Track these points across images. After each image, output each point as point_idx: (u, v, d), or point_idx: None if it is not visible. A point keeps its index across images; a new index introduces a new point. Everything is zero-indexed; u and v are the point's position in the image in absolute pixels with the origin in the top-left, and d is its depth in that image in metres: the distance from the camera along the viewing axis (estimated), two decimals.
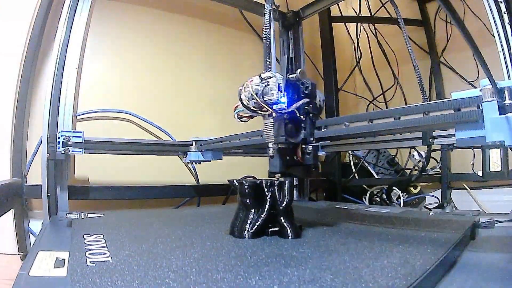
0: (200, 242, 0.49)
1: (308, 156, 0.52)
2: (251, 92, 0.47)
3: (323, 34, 1.45)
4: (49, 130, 0.78)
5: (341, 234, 0.54)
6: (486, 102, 0.38)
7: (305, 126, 0.52)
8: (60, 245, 0.50)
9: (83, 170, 0.92)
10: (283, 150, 0.51)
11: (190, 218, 0.69)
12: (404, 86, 1.52)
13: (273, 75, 0.48)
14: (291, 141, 0.50)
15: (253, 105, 0.48)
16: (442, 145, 0.95)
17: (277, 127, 0.50)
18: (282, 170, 0.51)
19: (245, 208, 0.52)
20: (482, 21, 1.18)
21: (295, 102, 0.50)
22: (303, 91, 0.52)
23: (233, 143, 0.75)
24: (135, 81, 1.06)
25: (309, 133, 0.51)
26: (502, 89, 0.38)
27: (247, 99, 0.48)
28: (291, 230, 0.51)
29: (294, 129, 0.51)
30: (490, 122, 0.37)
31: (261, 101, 0.47)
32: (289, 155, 0.52)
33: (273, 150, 0.51)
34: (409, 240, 0.49)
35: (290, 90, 0.50)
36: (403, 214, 0.72)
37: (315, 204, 1.02)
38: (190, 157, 0.92)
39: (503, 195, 1.22)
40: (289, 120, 0.50)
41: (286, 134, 0.49)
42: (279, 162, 0.51)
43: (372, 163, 1.36)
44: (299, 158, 0.52)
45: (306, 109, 0.52)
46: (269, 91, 0.47)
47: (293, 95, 0.50)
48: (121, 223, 0.61)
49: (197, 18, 1.21)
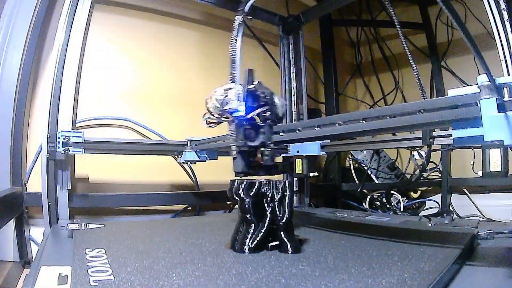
0: (201, 257, 0.49)
1: (266, 157, 0.57)
2: (214, 102, 0.53)
3: (324, 37, 1.45)
4: (49, 130, 0.79)
5: (340, 248, 0.54)
6: (484, 99, 0.36)
7: (264, 131, 0.56)
8: (62, 259, 0.50)
9: (83, 170, 0.94)
10: (245, 152, 0.56)
11: (191, 229, 0.69)
12: (405, 90, 1.52)
13: (234, 86, 0.54)
14: (249, 145, 0.55)
15: (217, 113, 0.54)
16: (442, 145, 0.96)
17: (237, 132, 0.55)
18: (244, 170, 0.56)
19: (246, 222, 0.52)
20: (483, 25, 1.18)
21: (254, 110, 0.55)
22: (262, 100, 0.56)
23: (226, 142, 0.75)
24: (133, 86, 1.06)
25: (267, 137, 0.56)
26: (501, 86, 0.36)
27: (212, 107, 0.54)
28: (291, 245, 0.51)
29: (253, 134, 0.56)
30: (488, 120, 0.36)
31: (222, 109, 0.53)
32: (250, 157, 0.57)
33: (235, 152, 0.55)
34: (408, 256, 0.49)
35: (249, 99, 0.54)
36: (403, 225, 0.73)
37: (315, 211, 1.02)
38: (185, 157, 0.93)
39: (503, 200, 1.22)
40: (249, 125, 0.55)
41: (245, 138, 0.55)
42: (240, 162, 0.56)
43: (372, 167, 1.36)
44: (258, 159, 0.57)
45: (265, 115, 0.56)
46: (229, 101, 0.53)
47: (253, 103, 0.55)
48: (122, 235, 0.61)
49: (196, 23, 1.21)
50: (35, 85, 0.91)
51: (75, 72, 0.86)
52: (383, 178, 1.36)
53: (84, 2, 0.88)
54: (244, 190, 0.51)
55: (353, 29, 1.64)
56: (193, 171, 1.11)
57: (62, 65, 0.83)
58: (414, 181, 1.25)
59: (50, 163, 0.79)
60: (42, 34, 0.90)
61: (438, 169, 1.33)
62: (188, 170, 1.11)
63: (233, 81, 0.56)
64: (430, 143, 0.86)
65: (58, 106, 0.82)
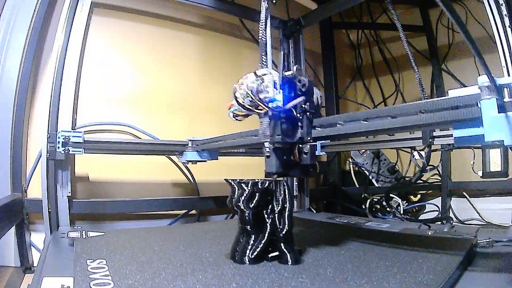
0: (202, 268, 0.49)
1: (305, 155, 0.50)
2: (246, 90, 0.46)
3: (324, 40, 1.44)
4: (49, 130, 0.79)
5: (340, 259, 0.54)
6: (484, 100, 0.36)
7: (302, 125, 0.50)
8: (64, 269, 0.51)
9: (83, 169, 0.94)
10: (280, 150, 0.50)
11: (191, 237, 0.69)
12: (405, 93, 1.51)
13: (269, 72, 0.47)
14: (287, 141, 0.48)
15: (248, 103, 0.47)
16: (442, 145, 0.96)
17: (273, 126, 0.48)
18: (279, 171, 0.50)
19: (246, 233, 0.53)
20: (484, 27, 1.18)
21: (292, 100, 0.48)
22: (299, 89, 0.49)
23: (228, 142, 0.75)
24: (133, 90, 1.06)
25: (306, 132, 0.50)
26: (501, 87, 0.36)
27: (242, 97, 0.47)
28: (291, 257, 0.51)
29: (291, 128, 0.49)
30: (488, 121, 0.36)
31: (256, 99, 0.46)
32: (286, 155, 0.51)
33: (269, 150, 0.49)
34: (406, 267, 0.49)
35: (286, 87, 0.48)
36: (402, 233, 0.73)
37: (316, 217, 1.03)
38: (186, 156, 0.92)
39: (503, 204, 1.22)
40: (286, 118, 0.48)
41: (282, 133, 0.48)
42: (275, 162, 0.49)
43: (372, 171, 1.36)
44: (296, 158, 0.51)
45: (303, 107, 0.49)
46: (264, 89, 0.46)
47: (289, 92, 0.48)
48: (122, 244, 0.62)
49: (197, 26, 1.21)
50: (34, 90, 0.91)
51: (75, 73, 0.86)
52: (383, 182, 1.37)
53: (83, 6, 0.88)
54: (245, 202, 0.51)
55: (354, 31, 1.63)
56: (191, 173, 1.11)
57: (62, 66, 0.83)
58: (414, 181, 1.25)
59: (50, 165, 0.80)
60: (41, 35, 0.90)
61: (438, 171, 1.33)
62: (186, 173, 1.11)
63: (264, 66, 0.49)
64: (430, 143, 0.86)
65: (58, 106, 0.82)
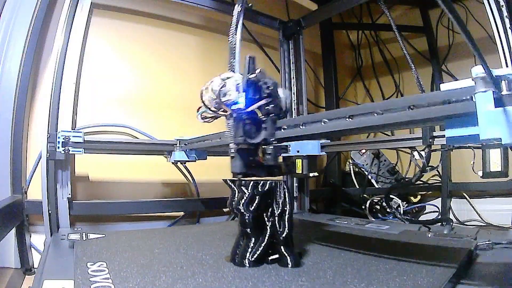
0: (202, 271, 0.49)
1: (268, 156, 0.52)
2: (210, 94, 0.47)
3: (324, 41, 1.44)
4: (49, 130, 0.79)
5: (339, 261, 0.54)
6: (479, 93, 0.32)
7: (266, 126, 0.51)
8: (64, 272, 0.51)
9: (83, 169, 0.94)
10: (244, 151, 0.51)
11: (191, 239, 0.69)
12: (406, 93, 1.52)
13: (232, 75, 0.48)
14: (249, 142, 0.49)
15: (214, 105, 0.48)
16: (442, 145, 0.96)
17: (236, 128, 0.49)
18: (243, 171, 0.51)
19: (246, 236, 0.53)
20: (484, 28, 1.18)
21: (255, 102, 0.49)
22: (264, 91, 0.50)
23: (213, 142, 0.75)
24: (133, 91, 1.06)
25: (270, 134, 0.51)
26: (498, 78, 0.33)
27: (208, 100, 0.48)
28: (291, 259, 0.51)
29: (254, 130, 0.50)
30: (484, 116, 0.32)
31: (219, 101, 0.47)
32: (251, 156, 0.52)
33: (233, 151, 0.50)
34: (406, 271, 0.49)
35: (250, 90, 0.49)
36: (402, 236, 0.73)
37: (315, 218, 1.03)
38: (174, 156, 0.92)
39: (503, 205, 1.22)
40: (249, 120, 0.49)
41: (245, 135, 0.49)
42: (239, 162, 0.51)
43: (372, 172, 1.36)
44: (259, 158, 0.52)
45: (267, 109, 0.50)
46: (227, 92, 0.47)
47: (253, 95, 0.49)
48: (122, 247, 0.62)
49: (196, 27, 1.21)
50: (34, 91, 0.91)
51: (74, 74, 0.86)
52: (383, 183, 1.37)
53: (83, 7, 0.88)
54: (245, 205, 0.51)
55: (354, 32, 1.63)
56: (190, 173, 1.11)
57: (62, 67, 0.84)
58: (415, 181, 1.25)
59: (50, 166, 0.80)
60: (41, 36, 0.90)
61: (438, 172, 1.33)
62: (186, 173, 1.11)
63: (231, 70, 0.51)
64: (430, 143, 0.86)
65: (58, 106, 0.83)
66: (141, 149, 0.93)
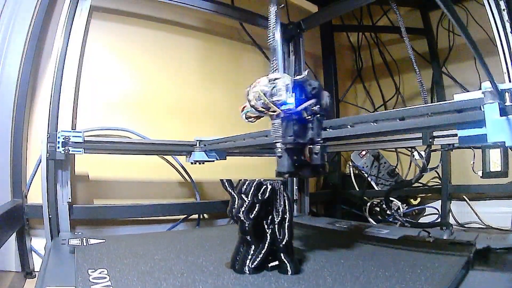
0: (202, 278, 0.50)
1: (315, 156, 0.53)
2: (258, 93, 0.48)
3: (325, 43, 1.44)
4: (49, 130, 0.79)
5: (339, 268, 0.54)
6: (487, 104, 0.39)
7: (312, 126, 0.53)
8: (65, 278, 0.51)
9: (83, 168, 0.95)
10: (291, 150, 0.52)
11: (191, 244, 0.70)
12: (406, 95, 1.52)
13: (281, 76, 0.49)
14: (299, 141, 0.51)
15: (260, 105, 0.49)
16: (442, 145, 0.96)
17: (285, 128, 0.51)
18: (290, 170, 0.52)
19: (246, 243, 0.53)
20: (485, 31, 1.17)
21: (303, 102, 0.50)
22: (310, 92, 0.52)
23: (237, 143, 0.77)
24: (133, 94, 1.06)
25: (316, 133, 0.52)
26: (503, 92, 0.39)
27: (254, 99, 0.49)
28: (291, 266, 0.52)
29: (302, 130, 0.52)
30: (491, 123, 0.39)
31: (269, 101, 0.48)
32: (297, 155, 0.53)
33: (281, 150, 0.51)
34: (405, 277, 0.49)
35: (297, 91, 0.50)
36: (401, 241, 0.73)
37: (315, 222, 1.03)
38: (194, 157, 0.93)
39: (503, 207, 1.23)
40: (297, 120, 0.51)
41: (294, 135, 0.50)
42: (287, 162, 0.52)
43: (372, 174, 1.36)
44: (307, 158, 0.53)
45: (313, 109, 0.52)
46: (277, 92, 0.48)
47: (300, 95, 0.51)
48: (123, 253, 0.62)
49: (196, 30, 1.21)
50: (34, 95, 0.91)
51: (74, 75, 0.87)
52: (383, 185, 1.37)
53: (82, 10, 0.88)
54: (245, 212, 0.51)
55: (354, 34, 1.63)
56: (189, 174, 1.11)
57: (61, 69, 0.84)
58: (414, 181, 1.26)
59: (50, 166, 0.80)
60: (41, 38, 0.90)
61: (437, 173, 1.33)
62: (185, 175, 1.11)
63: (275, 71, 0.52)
64: (430, 143, 0.86)
65: (58, 107, 0.83)
66: (154, 149, 0.92)
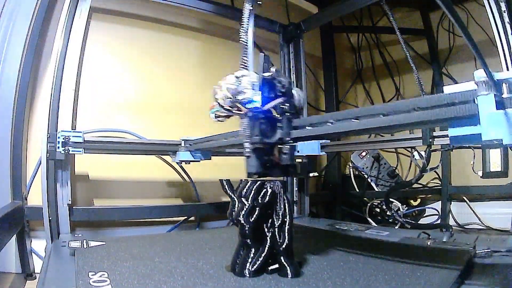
0: (203, 282, 0.50)
1: (284, 156, 0.51)
2: (225, 91, 0.47)
3: (324, 44, 1.44)
4: (49, 130, 0.79)
5: (339, 271, 0.54)
6: (481, 96, 0.34)
7: (282, 125, 0.51)
8: (66, 281, 0.51)
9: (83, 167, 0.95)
10: (260, 150, 0.50)
11: (192, 246, 0.70)
12: (406, 96, 1.52)
13: (247, 73, 0.47)
14: (266, 141, 0.49)
15: (228, 104, 0.47)
16: (442, 145, 0.97)
17: (252, 127, 0.48)
18: (259, 171, 0.50)
19: (246, 247, 0.53)
20: (485, 31, 1.17)
21: (271, 101, 0.48)
22: (279, 90, 0.50)
23: (220, 142, 0.75)
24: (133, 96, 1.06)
25: (286, 133, 0.50)
26: (499, 82, 0.34)
27: (222, 98, 0.47)
28: (291, 270, 0.52)
29: (270, 129, 0.50)
30: (486, 118, 0.34)
31: (234, 100, 0.46)
32: (266, 155, 0.51)
33: (249, 150, 0.49)
34: (405, 280, 0.50)
35: (265, 89, 0.48)
36: (401, 244, 0.73)
37: (315, 224, 1.03)
38: (179, 156, 0.92)
39: (503, 208, 1.23)
40: (265, 119, 0.49)
41: (261, 134, 0.48)
42: (255, 162, 0.50)
43: (372, 175, 1.36)
44: (276, 158, 0.51)
45: (283, 108, 0.50)
46: (242, 90, 0.46)
47: (269, 94, 0.49)
48: (123, 255, 0.62)
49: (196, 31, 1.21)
50: (33, 96, 0.91)
51: (74, 76, 0.86)
52: (383, 186, 1.37)
53: (81, 11, 0.88)
54: (245, 216, 0.51)
55: (354, 34, 1.63)
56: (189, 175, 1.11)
57: (61, 70, 0.84)
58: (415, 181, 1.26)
59: (50, 167, 0.80)
60: (40, 39, 0.90)
61: (437, 174, 1.33)
62: (184, 175, 1.11)
63: (245, 68, 0.50)
64: (430, 143, 0.86)
65: (58, 107, 0.83)
66: (143, 149, 0.92)
